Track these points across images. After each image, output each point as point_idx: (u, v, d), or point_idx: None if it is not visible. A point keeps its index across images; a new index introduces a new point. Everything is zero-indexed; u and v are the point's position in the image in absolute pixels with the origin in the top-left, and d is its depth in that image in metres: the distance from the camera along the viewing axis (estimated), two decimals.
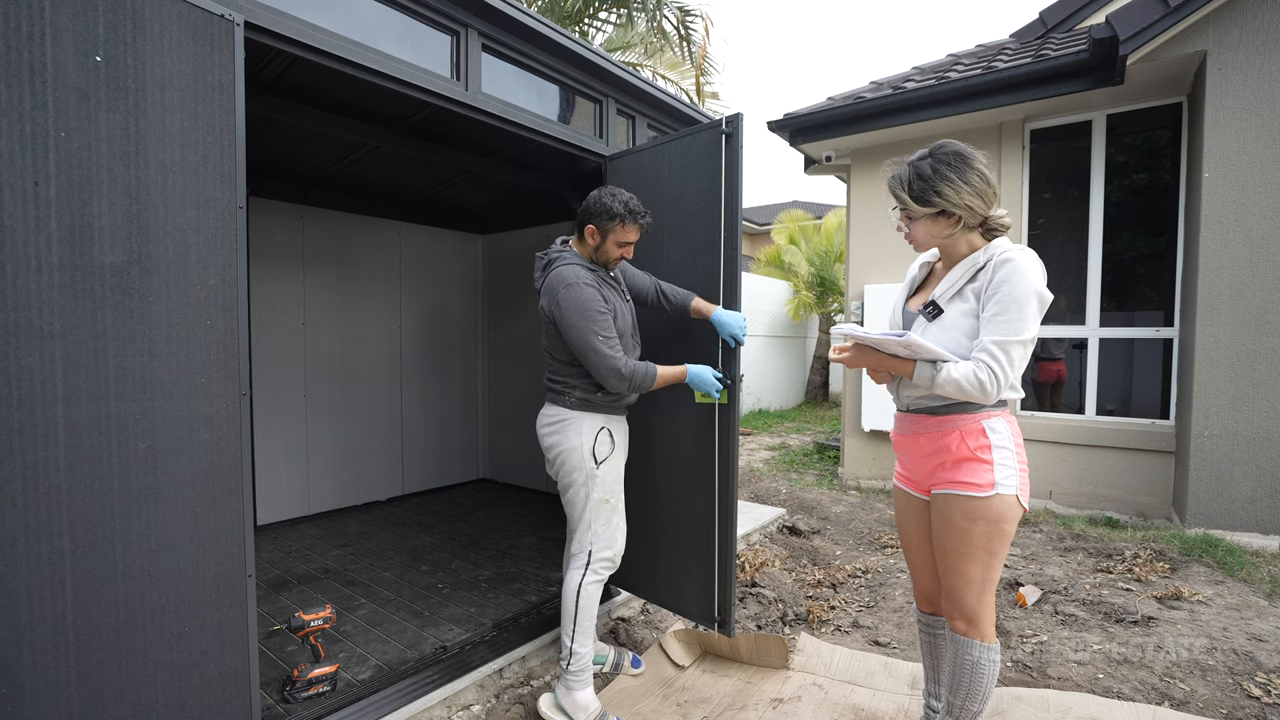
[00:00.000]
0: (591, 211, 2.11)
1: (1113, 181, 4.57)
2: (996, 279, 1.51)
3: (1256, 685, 2.25)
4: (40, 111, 1.27)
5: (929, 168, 1.55)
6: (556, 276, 2.06)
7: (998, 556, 1.59)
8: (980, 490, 1.55)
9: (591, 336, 1.99)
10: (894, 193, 1.62)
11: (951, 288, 1.60)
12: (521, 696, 2.28)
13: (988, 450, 1.57)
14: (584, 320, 1.99)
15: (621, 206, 2.09)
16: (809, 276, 10.87)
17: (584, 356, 2.02)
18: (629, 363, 2.03)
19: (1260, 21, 3.68)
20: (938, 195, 1.53)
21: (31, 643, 1.28)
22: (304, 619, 2.17)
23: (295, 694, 2.07)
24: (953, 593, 1.64)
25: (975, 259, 1.57)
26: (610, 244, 2.12)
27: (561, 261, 2.11)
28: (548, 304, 2.06)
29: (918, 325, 1.66)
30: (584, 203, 2.15)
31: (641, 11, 6.81)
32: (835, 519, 4.40)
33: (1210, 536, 3.59)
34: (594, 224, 2.11)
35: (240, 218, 1.57)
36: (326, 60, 1.84)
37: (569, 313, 1.99)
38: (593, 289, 2.04)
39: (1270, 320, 3.66)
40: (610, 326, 2.04)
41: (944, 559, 1.64)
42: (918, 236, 1.64)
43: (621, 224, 2.10)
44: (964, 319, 1.57)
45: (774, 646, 2.43)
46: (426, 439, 4.92)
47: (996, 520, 1.55)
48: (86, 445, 1.34)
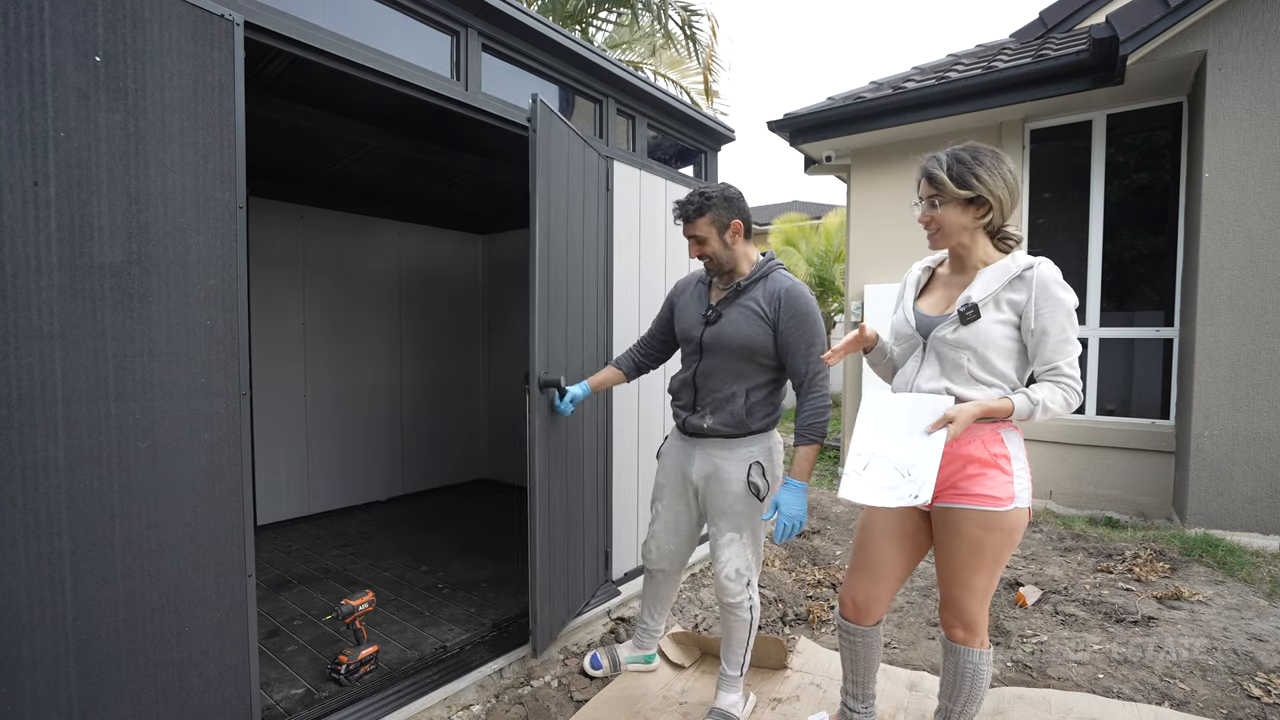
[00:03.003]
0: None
1: (1113, 181, 4.57)
2: (1043, 298, 1.50)
3: (1256, 685, 2.25)
4: (40, 112, 1.26)
5: (968, 155, 1.56)
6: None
7: (1002, 566, 1.60)
8: (1000, 504, 1.53)
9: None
10: (930, 174, 1.58)
11: (987, 293, 1.55)
12: (521, 696, 2.28)
13: (1007, 460, 1.55)
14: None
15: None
16: (808, 277, 10.86)
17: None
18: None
19: (1260, 21, 3.68)
20: (976, 179, 1.53)
21: (31, 643, 1.28)
22: (352, 605, 2.26)
23: (349, 676, 2.18)
24: (956, 602, 1.63)
25: (1006, 265, 1.56)
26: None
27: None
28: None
29: (946, 324, 1.59)
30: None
31: (646, 10, 6.80)
32: (835, 519, 4.40)
33: (1210, 536, 3.59)
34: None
35: (240, 218, 1.57)
36: (326, 60, 1.84)
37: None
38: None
39: (1270, 320, 3.66)
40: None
41: (950, 569, 1.63)
42: (946, 223, 1.59)
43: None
44: (997, 327, 1.54)
45: (773, 647, 2.43)
46: (426, 439, 4.92)
47: (1011, 531, 1.55)
48: (86, 445, 1.34)
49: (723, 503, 2.03)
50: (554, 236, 2.32)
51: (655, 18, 6.86)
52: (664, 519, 2.23)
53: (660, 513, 2.24)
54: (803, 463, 1.90)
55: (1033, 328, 1.52)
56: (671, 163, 3.48)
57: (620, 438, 2.97)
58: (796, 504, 1.85)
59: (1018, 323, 1.54)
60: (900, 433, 1.56)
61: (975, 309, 1.54)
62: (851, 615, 1.81)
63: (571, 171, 2.47)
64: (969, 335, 1.55)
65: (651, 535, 2.27)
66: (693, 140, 3.48)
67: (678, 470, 2.18)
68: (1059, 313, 1.49)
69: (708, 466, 2.07)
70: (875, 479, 1.54)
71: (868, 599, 1.78)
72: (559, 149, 2.34)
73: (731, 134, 3.61)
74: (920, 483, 1.46)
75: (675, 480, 2.19)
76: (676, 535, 2.22)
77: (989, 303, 1.55)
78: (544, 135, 2.19)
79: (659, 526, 2.24)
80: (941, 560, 1.66)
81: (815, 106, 5.38)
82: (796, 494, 1.86)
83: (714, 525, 2.08)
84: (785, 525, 1.84)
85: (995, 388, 1.56)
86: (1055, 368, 1.51)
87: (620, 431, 2.97)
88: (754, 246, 2.09)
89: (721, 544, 2.04)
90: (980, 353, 1.55)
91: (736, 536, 2.02)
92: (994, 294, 1.55)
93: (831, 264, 10.77)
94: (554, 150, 2.30)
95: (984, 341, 1.54)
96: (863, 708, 1.90)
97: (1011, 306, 1.54)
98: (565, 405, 2.25)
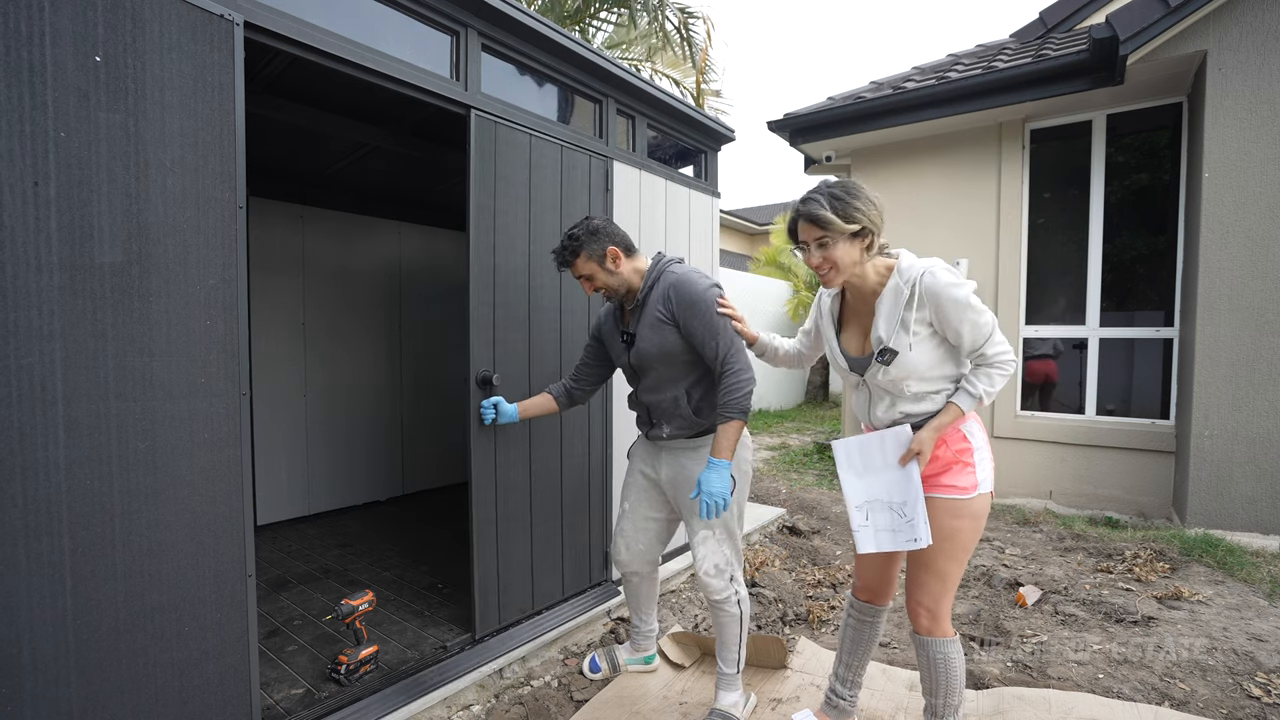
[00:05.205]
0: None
1: (1113, 181, 4.57)
2: (941, 306, 1.56)
3: (1256, 685, 2.25)
4: (40, 111, 1.27)
5: (841, 191, 1.59)
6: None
7: (970, 553, 1.71)
8: (966, 492, 1.64)
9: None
10: (816, 217, 1.58)
11: (892, 325, 1.61)
12: (521, 696, 2.28)
13: (969, 454, 1.66)
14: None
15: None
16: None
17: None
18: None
19: (1260, 21, 3.68)
20: (858, 211, 1.57)
21: (31, 643, 1.28)
22: (352, 605, 2.25)
23: (349, 676, 2.17)
24: (927, 590, 1.71)
25: (897, 288, 1.60)
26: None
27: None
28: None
29: (873, 370, 1.67)
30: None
31: (644, 11, 6.81)
32: (835, 519, 4.40)
33: (1210, 536, 3.59)
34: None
35: (240, 218, 1.57)
36: (326, 60, 1.84)
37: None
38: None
39: (1270, 320, 3.66)
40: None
41: (924, 558, 1.69)
42: (841, 260, 1.61)
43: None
44: (918, 351, 1.60)
45: (773, 647, 2.43)
46: (427, 439, 4.92)
47: (978, 516, 1.66)
48: (86, 445, 1.34)
49: (691, 502, 2.06)
50: (503, 241, 2.39)
51: (653, 19, 6.87)
52: (630, 517, 2.25)
53: (627, 511, 2.26)
54: (721, 440, 1.90)
55: (947, 331, 1.59)
56: (672, 163, 3.48)
57: (620, 440, 2.97)
58: (718, 481, 1.87)
59: (932, 330, 1.61)
60: (879, 469, 1.71)
61: (888, 350, 1.62)
62: (866, 597, 1.95)
63: (542, 175, 2.53)
64: (896, 371, 1.64)
65: (619, 533, 2.27)
66: (693, 140, 3.48)
67: (644, 470, 2.22)
68: (962, 310, 1.55)
69: (673, 468, 2.11)
70: (880, 523, 1.71)
71: (878, 581, 1.92)
72: (515, 158, 2.42)
73: (731, 134, 3.62)
74: (915, 523, 1.63)
75: (641, 479, 2.23)
76: (645, 533, 2.24)
77: (898, 332, 1.61)
78: (481, 150, 2.28)
79: (626, 524, 2.26)
80: (917, 551, 1.71)
81: (815, 106, 5.38)
82: (717, 472, 1.88)
83: (688, 526, 2.11)
84: (707, 504, 1.86)
85: (943, 390, 1.66)
86: (981, 354, 1.60)
87: (620, 433, 2.97)
88: (640, 258, 2.10)
89: (696, 542, 2.07)
90: (915, 375, 1.63)
91: (710, 534, 2.05)
92: (899, 321, 1.61)
93: None
94: (510, 159, 2.39)
95: (911, 368, 1.62)
96: (849, 694, 1.98)
97: (919, 323, 1.60)
98: (487, 409, 2.31)
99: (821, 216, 1.58)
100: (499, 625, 2.45)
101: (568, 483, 2.72)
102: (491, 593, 2.40)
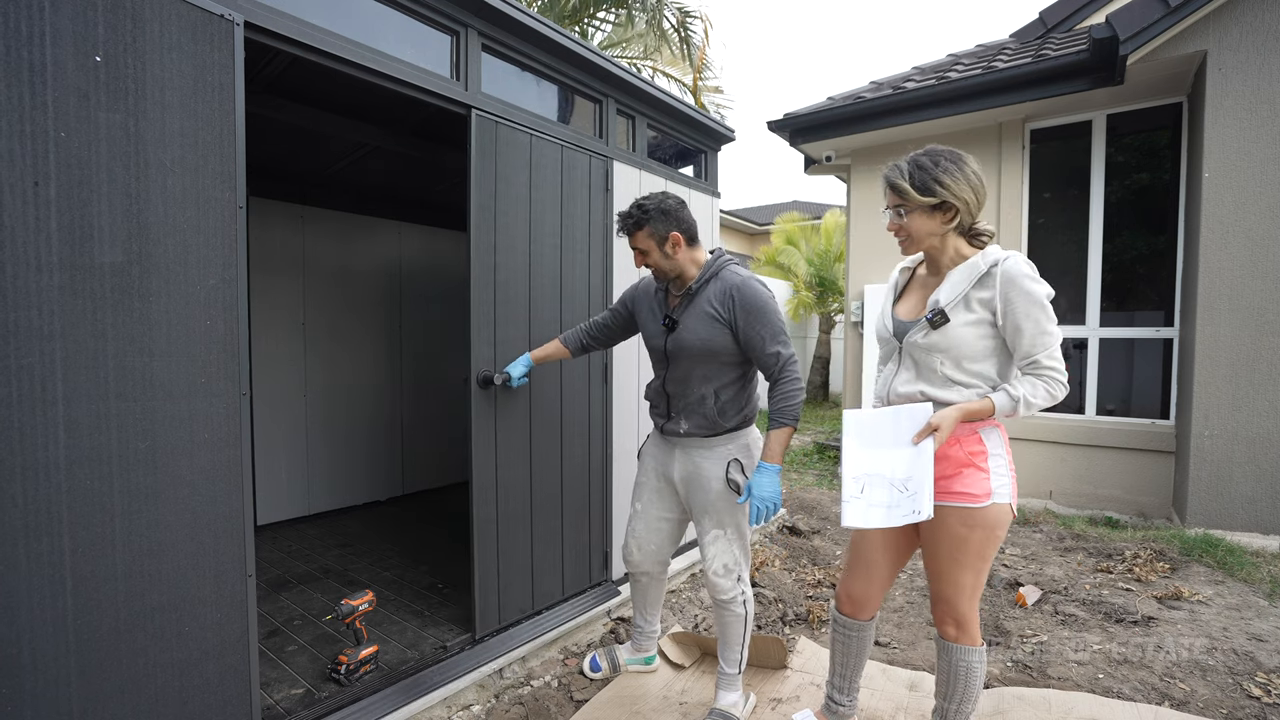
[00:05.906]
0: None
1: (1113, 181, 4.57)
2: (1011, 293, 1.49)
3: (1256, 685, 2.26)
4: (40, 111, 1.27)
5: (928, 160, 1.56)
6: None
7: (988, 562, 1.62)
8: (977, 501, 1.55)
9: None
10: (893, 184, 1.59)
11: (955, 295, 1.55)
12: (521, 696, 2.28)
13: (984, 458, 1.57)
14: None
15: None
16: (808, 276, 10.86)
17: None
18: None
19: (1260, 21, 3.68)
20: (939, 185, 1.53)
21: (32, 643, 1.28)
22: (352, 605, 2.25)
23: (349, 676, 2.17)
24: (946, 600, 1.65)
25: (974, 264, 1.55)
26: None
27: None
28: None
29: (917, 330, 1.61)
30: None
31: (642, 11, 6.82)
32: (835, 519, 4.40)
33: (1210, 536, 3.59)
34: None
35: (240, 217, 1.57)
36: (326, 60, 1.84)
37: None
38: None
39: (1270, 320, 3.66)
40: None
41: (937, 567, 1.65)
42: (914, 230, 1.60)
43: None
44: (969, 329, 1.54)
45: (773, 647, 2.43)
46: (427, 439, 4.92)
47: (992, 528, 1.57)
48: (86, 445, 1.34)
49: (704, 501, 2.05)
50: (503, 241, 2.39)
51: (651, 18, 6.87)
52: (643, 517, 2.24)
53: (639, 511, 2.26)
54: (774, 445, 1.90)
55: (1006, 324, 1.52)
56: (672, 162, 3.48)
57: (621, 440, 2.97)
58: (769, 486, 1.86)
59: (992, 320, 1.54)
60: (888, 446, 1.58)
61: (943, 314, 1.55)
62: (848, 611, 1.87)
63: (543, 175, 2.53)
64: (939, 339, 1.56)
65: (631, 534, 2.27)
66: (693, 140, 3.48)
67: (658, 470, 2.21)
68: (1031, 306, 1.48)
69: (688, 466, 2.10)
70: (875, 499, 1.57)
71: (864, 595, 1.83)
72: (516, 158, 2.42)
73: (731, 134, 3.61)
74: (918, 496, 1.50)
75: (655, 479, 2.22)
76: (657, 533, 2.24)
77: (958, 304, 1.55)
78: (482, 150, 2.28)
79: (639, 525, 2.25)
80: (929, 559, 1.68)
81: (815, 106, 5.38)
82: (769, 476, 1.87)
83: (699, 524, 2.10)
84: (759, 508, 1.85)
85: (974, 388, 1.57)
86: (1034, 361, 1.50)
87: (620, 434, 2.97)
88: (700, 250, 2.08)
89: (706, 541, 2.06)
90: (953, 355, 1.56)
91: (721, 533, 2.04)
92: (962, 295, 1.55)
93: (832, 263, 10.77)
94: (510, 159, 2.39)
95: (955, 344, 1.55)
96: (847, 700, 1.96)
97: (982, 305, 1.53)
98: (519, 381, 2.37)
99: (898, 185, 1.56)
100: (499, 625, 2.45)
101: (568, 483, 2.72)
102: (491, 592, 2.40)
